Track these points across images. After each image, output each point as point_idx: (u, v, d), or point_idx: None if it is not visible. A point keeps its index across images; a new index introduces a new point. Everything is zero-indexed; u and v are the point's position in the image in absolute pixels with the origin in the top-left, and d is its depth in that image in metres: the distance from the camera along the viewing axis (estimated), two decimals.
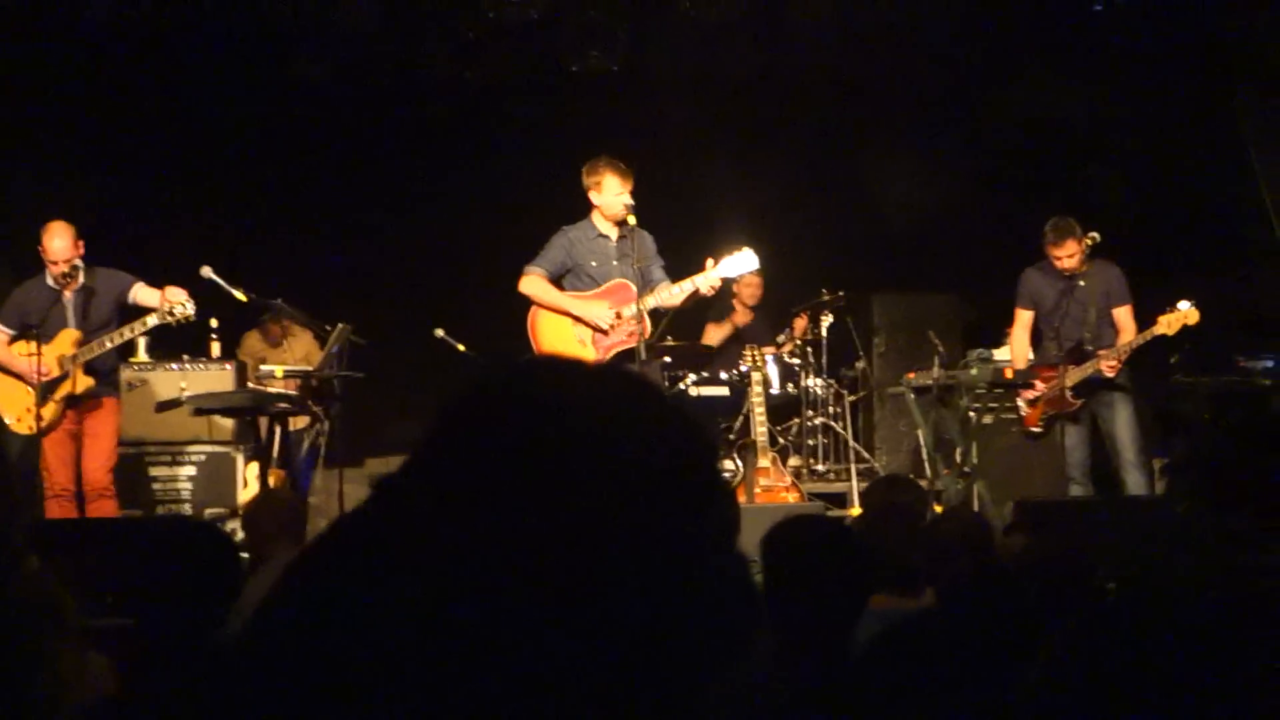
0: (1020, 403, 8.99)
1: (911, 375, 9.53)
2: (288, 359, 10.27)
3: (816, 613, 3.37)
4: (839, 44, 11.16)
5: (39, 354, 7.97)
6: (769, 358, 10.44)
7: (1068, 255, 8.58)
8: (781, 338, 11.14)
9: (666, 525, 1.24)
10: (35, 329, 8.04)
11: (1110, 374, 8.50)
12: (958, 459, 9.40)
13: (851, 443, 10.84)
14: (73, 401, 8.24)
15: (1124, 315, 8.65)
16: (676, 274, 8.22)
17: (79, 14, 10.12)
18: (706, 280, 7.99)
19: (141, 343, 9.44)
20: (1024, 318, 8.97)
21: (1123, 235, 9.09)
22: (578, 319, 8.07)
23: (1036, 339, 9.00)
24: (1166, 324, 8.34)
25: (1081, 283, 8.62)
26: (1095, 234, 8.59)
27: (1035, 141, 11.57)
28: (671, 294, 8.03)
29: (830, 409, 11.03)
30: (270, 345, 10.67)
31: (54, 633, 4.56)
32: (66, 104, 10.66)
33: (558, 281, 8.17)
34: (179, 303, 8.04)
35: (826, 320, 11.01)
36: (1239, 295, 10.11)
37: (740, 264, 8.05)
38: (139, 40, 10.48)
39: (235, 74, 11.03)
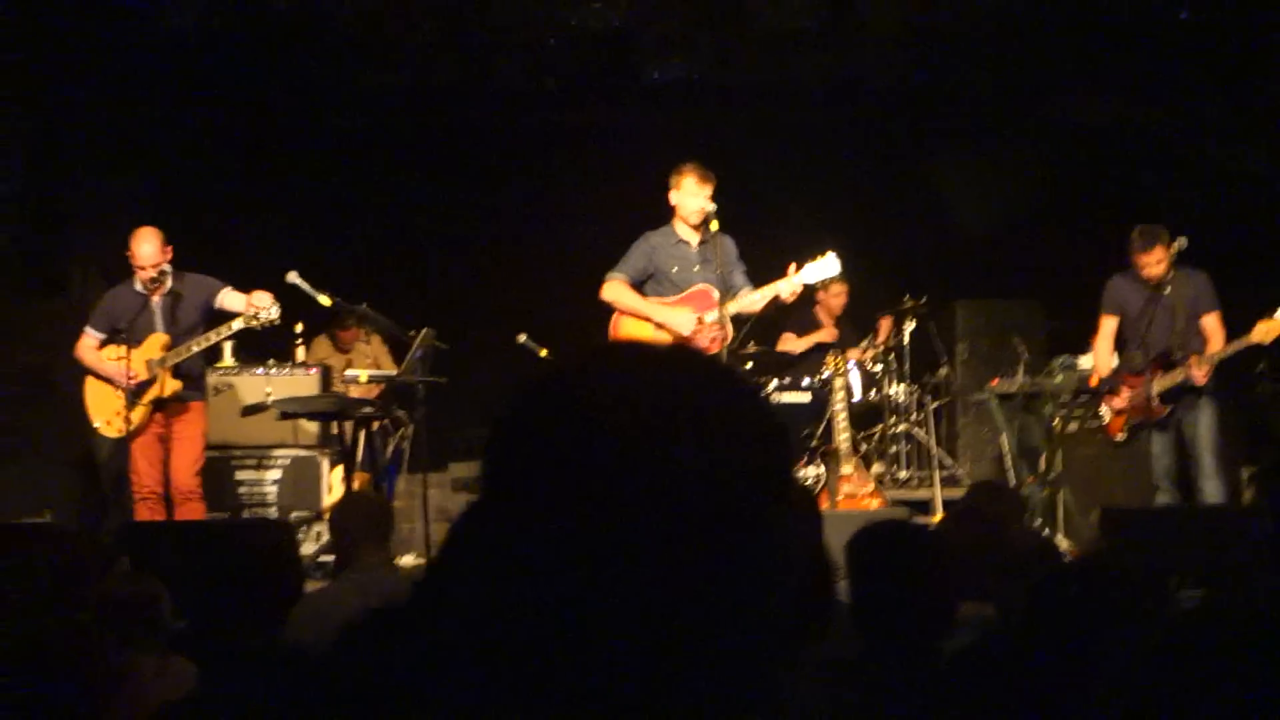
0: (1104, 410, 8.88)
1: (995, 382, 9.46)
2: (358, 366, 10.36)
3: (904, 619, 3.35)
4: (916, 50, 11.10)
5: (128, 358, 8.09)
6: (851, 364, 10.39)
7: (1155, 262, 8.47)
8: (864, 344, 11.09)
9: (741, 505, 1.25)
10: (124, 334, 8.17)
11: (1200, 381, 8.36)
12: (1041, 466, 9.34)
13: (934, 449, 10.77)
14: (161, 405, 8.35)
15: (1212, 322, 8.51)
16: (757, 280, 8.21)
17: (163, 21, 10.25)
18: (789, 286, 7.97)
19: (227, 347, 9.55)
20: (1108, 325, 8.86)
21: (1206, 242, 8.96)
22: (660, 325, 8.07)
23: (1120, 347, 8.89)
24: (1263, 332, 8.17)
25: (1168, 290, 8.51)
26: (1183, 239, 8.47)
27: (1117, 146, 11.47)
28: (753, 300, 8.01)
29: (913, 415, 10.98)
30: (340, 352, 10.74)
31: (147, 634, 4.64)
32: (155, 111, 10.80)
33: (639, 287, 8.18)
34: (264, 307, 8.15)
35: (909, 326, 10.96)
36: None
37: (823, 270, 8.03)
38: (223, 48, 10.61)
39: (317, 81, 11.14)
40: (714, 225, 7.98)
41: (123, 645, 4.46)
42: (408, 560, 8.86)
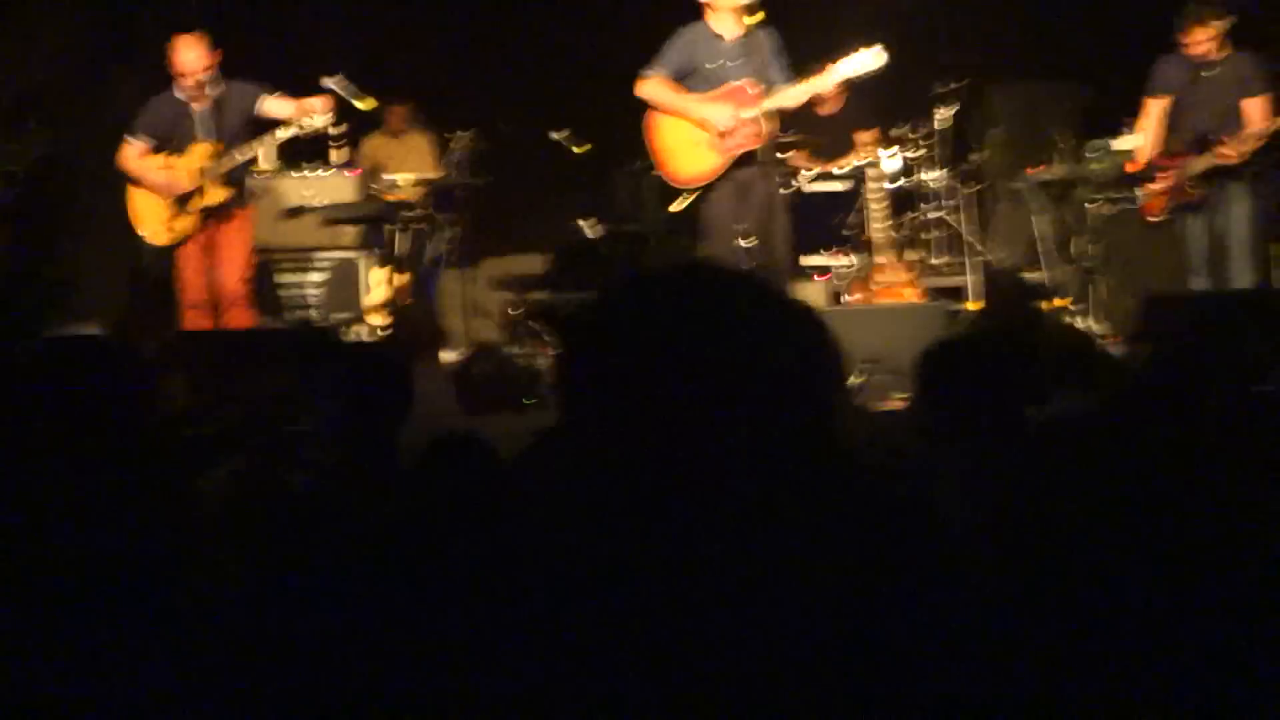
0: (1138, 192, 8.81)
1: (1031, 171, 9.43)
2: (407, 161, 10.40)
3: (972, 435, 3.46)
4: None
5: (174, 166, 8.11)
6: (883, 152, 10.34)
7: (1204, 39, 8.26)
8: (898, 131, 10.99)
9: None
10: (168, 142, 8.18)
11: (1225, 161, 8.26)
12: (1072, 251, 9.37)
13: (967, 237, 10.79)
14: (207, 213, 8.40)
15: (1255, 107, 8.28)
16: (798, 72, 8.16)
17: None
18: (825, 82, 7.93)
19: (263, 151, 9.56)
20: (1155, 108, 8.65)
21: (1259, 23, 8.77)
22: (698, 122, 8.03)
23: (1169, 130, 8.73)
24: None
25: (1216, 71, 8.35)
26: (1231, 16, 8.27)
27: None
28: (792, 94, 7.97)
29: (946, 202, 10.96)
30: (391, 136, 10.73)
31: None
32: None
33: (679, 84, 8.12)
34: (317, 110, 8.12)
35: (944, 111, 10.86)
36: None
37: (863, 62, 7.92)
38: None
39: None
40: (751, 19, 7.87)
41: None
42: (448, 356, 9.01)
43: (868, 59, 7.89)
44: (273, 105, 8.37)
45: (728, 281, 1.45)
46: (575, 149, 9.86)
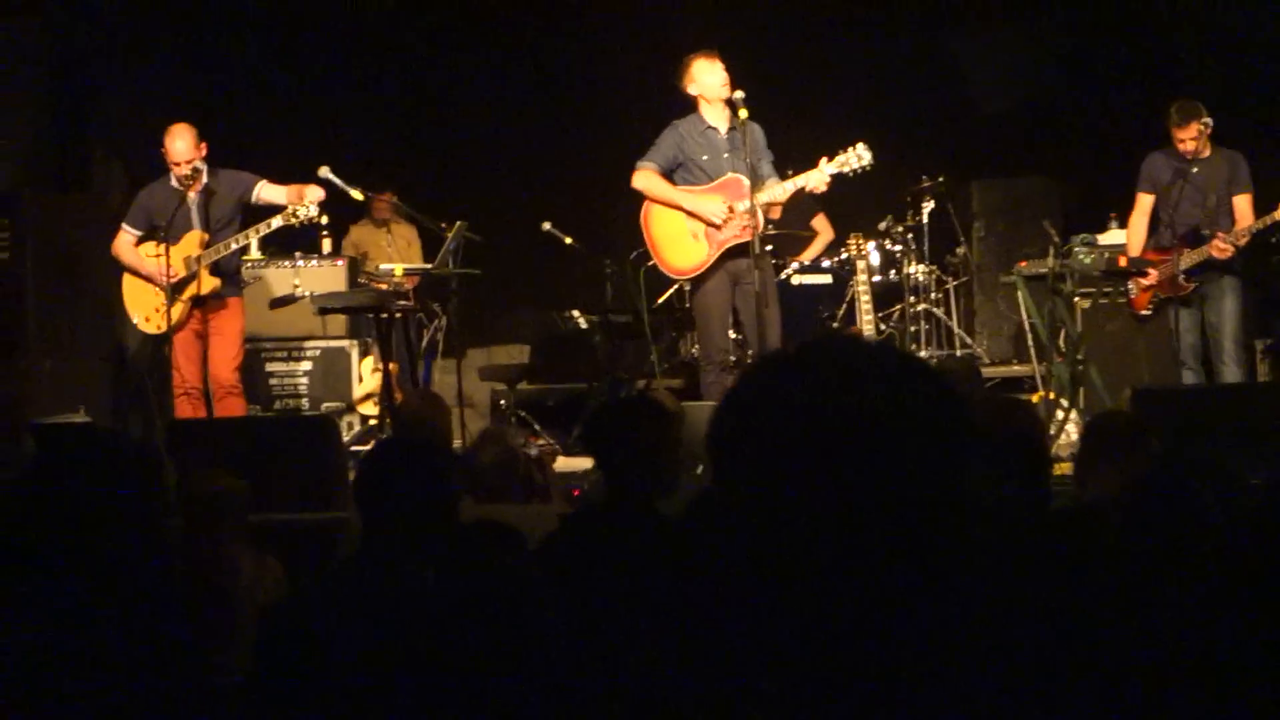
0: (1130, 286, 8.91)
1: (1024, 264, 9.52)
2: (394, 250, 10.44)
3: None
4: None
5: (166, 255, 8.13)
6: (870, 246, 10.44)
7: (1191, 137, 8.48)
8: (883, 225, 11.11)
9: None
10: (162, 231, 8.20)
11: (1220, 256, 8.40)
12: (1061, 344, 9.42)
13: (955, 329, 10.87)
14: (199, 302, 8.39)
15: (1243, 203, 8.52)
16: (779, 165, 8.27)
17: None
18: (819, 177, 8.01)
19: (255, 240, 9.58)
20: (1144, 202, 8.83)
21: (1228, 118, 8.94)
22: (691, 213, 8.11)
23: (1155, 225, 8.90)
24: None
25: (1195, 169, 8.53)
26: (1209, 120, 8.49)
27: (1136, 21, 11.43)
28: (782, 190, 8.07)
29: (932, 295, 11.05)
30: (376, 225, 10.77)
31: (231, 526, 4.73)
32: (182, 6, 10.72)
33: (669, 177, 8.21)
34: (314, 201, 8.15)
35: (927, 206, 10.99)
36: None
37: (853, 161, 8.02)
38: None
39: None
40: (743, 113, 7.98)
41: (218, 544, 4.56)
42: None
43: (856, 156, 7.99)
44: (269, 191, 8.43)
45: (865, 349, 1.52)
46: (566, 240, 9.91)
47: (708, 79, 8.11)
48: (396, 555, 3.24)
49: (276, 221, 8.25)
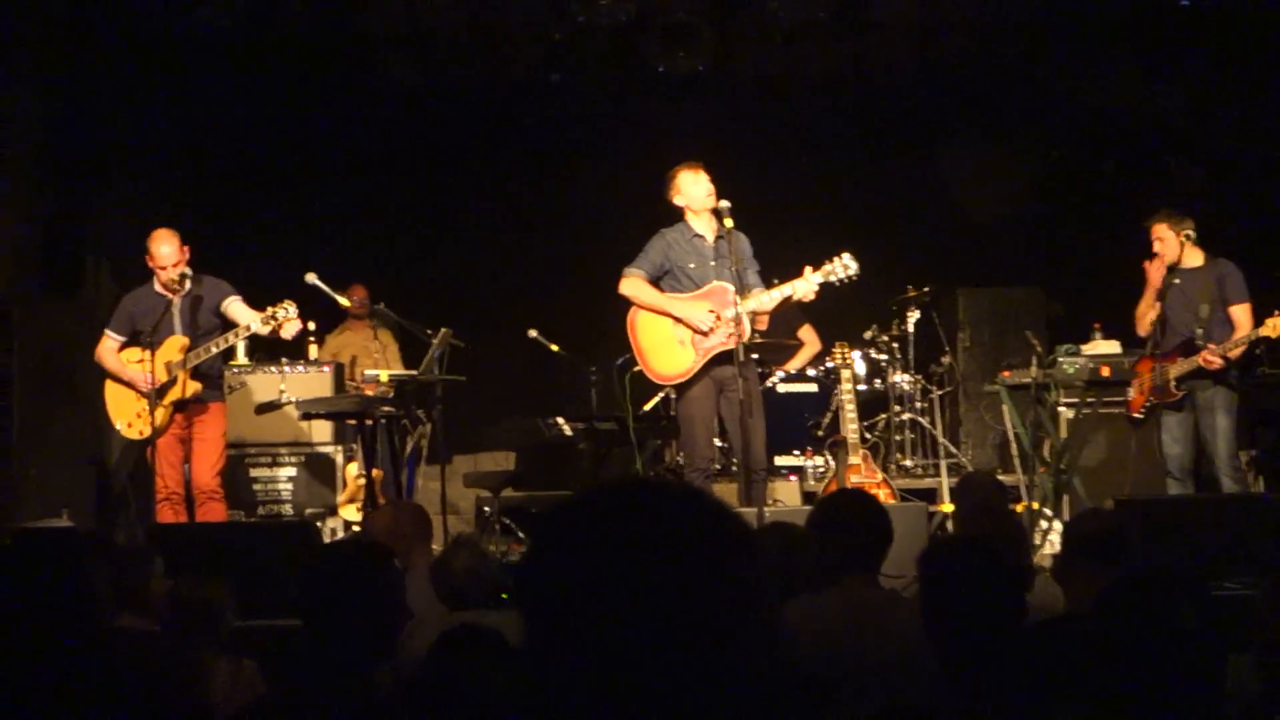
0: (1131, 387, 8.85)
1: (1007, 374, 9.53)
2: (374, 357, 10.45)
3: (977, 631, 3.47)
4: (923, 39, 11.17)
5: (151, 360, 8.12)
6: (856, 355, 10.48)
7: (1154, 240, 8.53)
8: (869, 334, 11.16)
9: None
10: (147, 336, 8.19)
11: (1209, 366, 8.35)
12: (1045, 453, 9.42)
13: (940, 439, 10.87)
14: (181, 406, 8.37)
15: (1240, 313, 8.46)
16: (765, 274, 8.31)
17: (175, 23, 10.27)
18: (805, 286, 8.04)
19: (241, 345, 9.57)
20: (1151, 295, 8.76)
21: (1213, 229, 8.98)
22: (678, 320, 8.14)
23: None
24: (1272, 326, 8.15)
25: (1177, 279, 8.54)
26: (1190, 231, 8.51)
27: (1120, 135, 11.56)
28: (769, 298, 8.09)
29: (918, 404, 11.07)
30: (355, 332, 10.78)
31: (215, 636, 4.70)
32: (172, 110, 10.78)
33: (656, 283, 8.25)
34: (289, 319, 8.14)
35: (913, 316, 11.03)
36: None
37: (839, 270, 8.07)
38: (235, 48, 10.62)
39: (329, 81, 11.16)
40: (729, 222, 8.02)
41: (193, 649, 4.52)
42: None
43: (843, 265, 8.03)
44: (237, 310, 8.42)
45: (667, 496, 1.56)
46: (552, 347, 9.94)
47: (693, 190, 8.19)
48: (345, 660, 3.22)
49: (255, 325, 8.22)
